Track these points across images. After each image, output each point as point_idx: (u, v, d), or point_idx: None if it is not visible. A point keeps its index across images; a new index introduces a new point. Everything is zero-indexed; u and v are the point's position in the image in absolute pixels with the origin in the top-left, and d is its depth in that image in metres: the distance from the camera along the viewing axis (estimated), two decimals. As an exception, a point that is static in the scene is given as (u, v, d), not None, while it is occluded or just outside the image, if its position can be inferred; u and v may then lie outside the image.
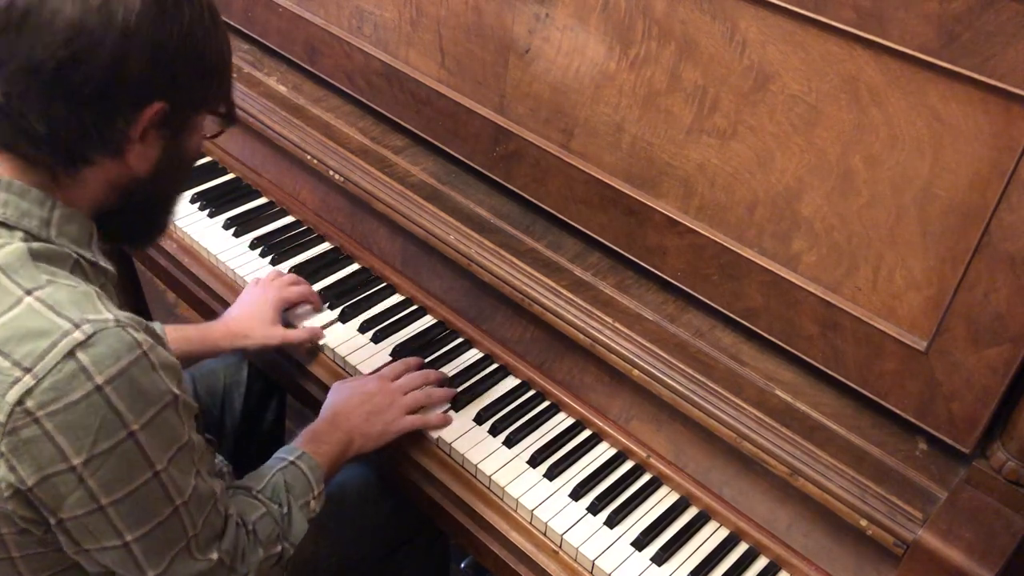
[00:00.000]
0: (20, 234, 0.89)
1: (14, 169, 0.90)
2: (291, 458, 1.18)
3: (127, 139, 0.91)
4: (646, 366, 1.26)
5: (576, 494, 1.25)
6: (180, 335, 1.37)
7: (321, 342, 1.45)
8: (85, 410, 0.84)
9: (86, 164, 0.91)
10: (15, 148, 0.89)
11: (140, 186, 0.96)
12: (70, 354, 0.83)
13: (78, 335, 0.84)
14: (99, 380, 0.84)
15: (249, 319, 1.43)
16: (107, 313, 0.87)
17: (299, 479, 1.17)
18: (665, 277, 1.33)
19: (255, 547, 1.08)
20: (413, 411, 1.32)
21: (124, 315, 0.89)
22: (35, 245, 0.89)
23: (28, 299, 0.85)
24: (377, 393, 1.30)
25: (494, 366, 1.42)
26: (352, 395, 1.31)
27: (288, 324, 1.47)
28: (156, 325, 1.35)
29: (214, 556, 1.00)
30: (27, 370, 0.83)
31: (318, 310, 1.51)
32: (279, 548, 1.11)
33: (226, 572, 1.03)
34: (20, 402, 0.82)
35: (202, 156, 1.81)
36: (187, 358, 1.38)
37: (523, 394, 1.38)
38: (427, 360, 1.42)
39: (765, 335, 1.24)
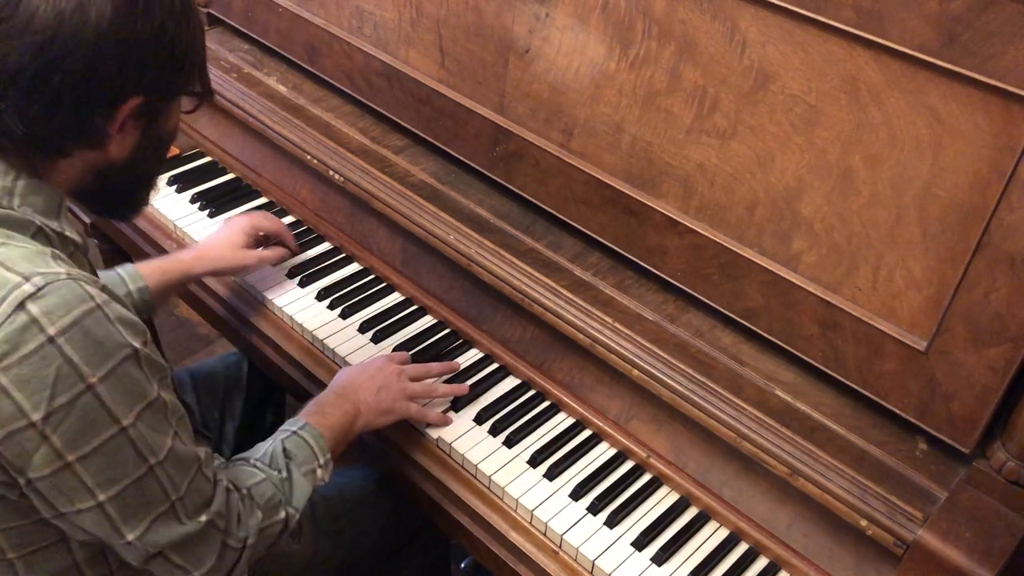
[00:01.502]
0: None
1: None
2: (293, 428, 1.18)
3: (107, 134, 0.91)
4: (646, 366, 1.26)
5: (576, 494, 1.25)
6: (153, 267, 1.41)
7: (321, 340, 1.45)
8: (39, 362, 0.83)
9: (63, 157, 0.92)
10: None
11: (118, 169, 0.97)
12: (20, 306, 0.83)
13: (28, 287, 0.84)
14: (51, 331, 0.83)
15: (221, 244, 1.48)
16: (59, 268, 0.87)
17: (302, 447, 1.16)
18: (665, 277, 1.33)
19: (252, 510, 1.06)
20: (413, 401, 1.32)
21: (78, 271, 0.88)
22: None
23: None
24: (384, 368, 1.31)
25: (494, 366, 1.42)
26: (361, 371, 1.31)
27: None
28: (127, 266, 1.37)
29: (203, 519, 0.98)
30: None
31: (293, 252, 1.58)
32: (282, 514, 1.09)
33: (220, 535, 1.01)
34: None
35: (202, 156, 1.81)
36: (165, 289, 1.41)
37: (523, 394, 1.38)
38: (428, 361, 1.42)
39: (765, 335, 1.24)
